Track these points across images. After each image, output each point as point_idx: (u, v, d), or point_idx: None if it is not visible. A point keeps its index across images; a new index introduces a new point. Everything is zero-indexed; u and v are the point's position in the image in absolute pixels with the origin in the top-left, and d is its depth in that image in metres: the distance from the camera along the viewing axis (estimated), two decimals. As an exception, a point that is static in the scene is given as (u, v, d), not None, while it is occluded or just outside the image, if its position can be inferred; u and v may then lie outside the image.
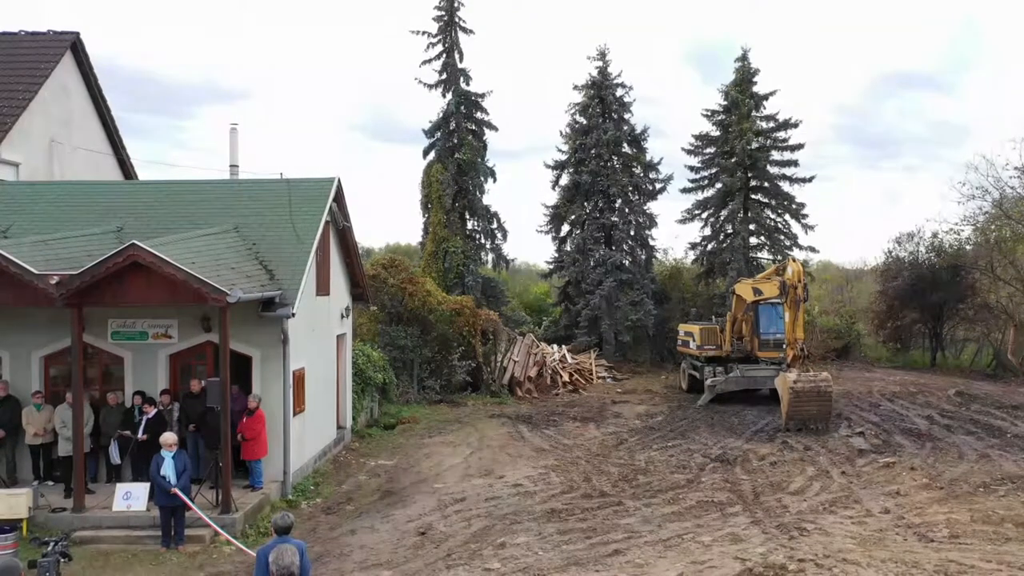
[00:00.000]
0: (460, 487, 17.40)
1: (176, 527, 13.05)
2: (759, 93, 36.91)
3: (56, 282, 13.26)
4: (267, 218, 17.65)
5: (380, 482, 17.92)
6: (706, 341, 28.91)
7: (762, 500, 16.51)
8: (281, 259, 16.43)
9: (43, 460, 15.61)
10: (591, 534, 14.31)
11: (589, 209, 36.83)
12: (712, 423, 24.48)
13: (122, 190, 18.90)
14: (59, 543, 8.21)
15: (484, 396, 28.83)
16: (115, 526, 13.61)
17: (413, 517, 15.33)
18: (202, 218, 17.57)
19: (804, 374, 23.09)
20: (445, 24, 37.70)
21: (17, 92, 22.09)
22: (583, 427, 24.27)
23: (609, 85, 37.36)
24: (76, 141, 24.47)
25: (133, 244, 13.28)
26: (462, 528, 14.63)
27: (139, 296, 13.79)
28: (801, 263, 29.84)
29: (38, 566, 7.84)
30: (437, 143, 37.59)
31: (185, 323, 15.89)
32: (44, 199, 18.53)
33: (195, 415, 15.37)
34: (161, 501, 12.89)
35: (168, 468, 12.82)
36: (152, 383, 15.86)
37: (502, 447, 21.34)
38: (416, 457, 20.24)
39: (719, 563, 12.95)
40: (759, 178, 37.13)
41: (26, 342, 16.00)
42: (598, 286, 35.08)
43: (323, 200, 18.02)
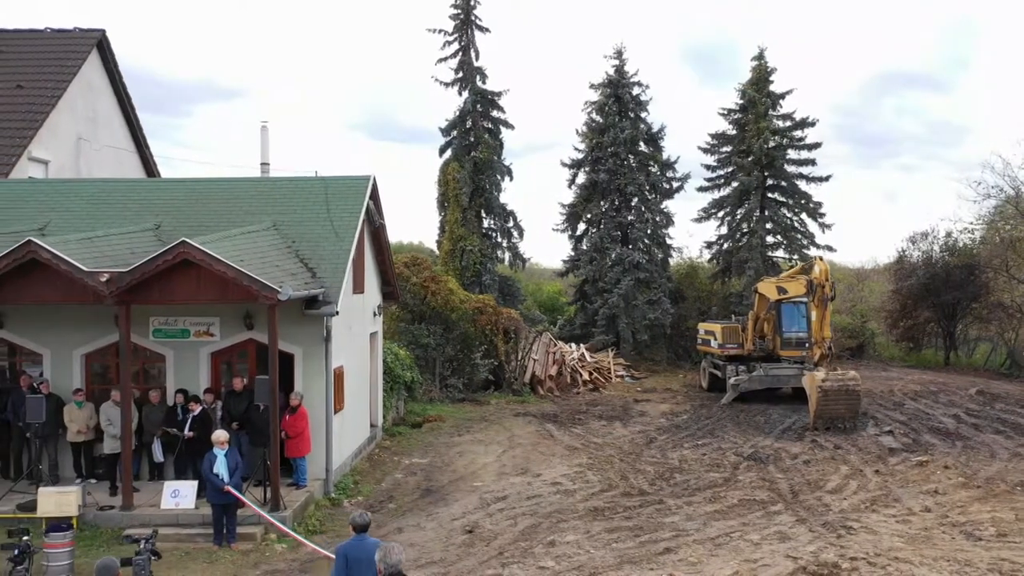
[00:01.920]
0: (499, 485, 17.39)
1: (228, 525, 13.01)
2: (775, 92, 36.92)
3: (106, 280, 13.21)
4: (303, 215, 17.61)
5: (418, 480, 17.90)
6: (728, 340, 28.91)
7: (801, 498, 16.52)
8: (321, 257, 16.39)
9: (85, 458, 15.57)
10: (639, 532, 14.30)
11: (606, 208, 36.80)
12: (739, 422, 24.48)
13: (155, 187, 18.84)
14: (148, 541, 8.16)
15: (506, 395, 28.81)
16: (164, 524, 13.54)
17: (457, 515, 15.31)
18: (237, 216, 17.52)
19: (832, 373, 23.09)
20: (461, 23, 37.67)
21: (46, 90, 22.08)
22: (609, 426, 24.26)
23: (626, 83, 37.34)
24: (101, 139, 24.47)
25: (183, 242, 13.25)
26: (508, 526, 14.62)
27: (188, 294, 13.75)
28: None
29: (133, 564, 7.81)
30: (453, 141, 37.54)
31: (227, 321, 15.84)
32: (79, 197, 18.47)
33: (238, 413, 15.32)
34: (214, 499, 12.85)
35: (221, 466, 12.78)
36: (194, 381, 15.81)
37: (533, 445, 21.32)
38: (449, 455, 20.22)
39: (771, 561, 12.96)
40: (776, 177, 37.12)
41: (67, 340, 15.94)
42: (616, 285, 35.06)
43: (360, 197, 17.98)
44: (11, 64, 22.94)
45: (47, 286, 13.68)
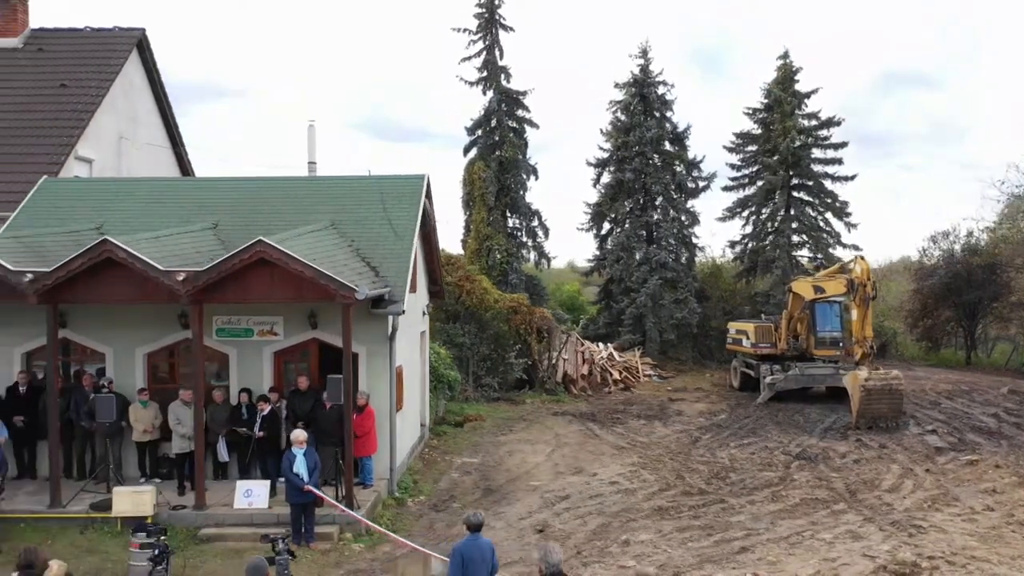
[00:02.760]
0: (558, 485, 17.38)
1: (307, 525, 12.99)
2: (801, 91, 36.94)
3: (183, 279, 13.17)
4: (359, 215, 17.58)
5: (475, 480, 17.88)
6: (761, 339, 28.92)
7: (860, 497, 16.53)
8: (383, 256, 16.36)
9: (149, 457, 15.53)
10: (710, 531, 14.31)
11: (631, 207, 36.80)
12: (778, 421, 24.49)
13: (209, 186, 18.77)
14: (284, 540, 8.12)
15: (540, 394, 28.79)
16: (238, 523, 13.55)
17: (524, 515, 15.30)
18: (294, 215, 17.47)
19: (875, 372, 23.11)
20: (486, 22, 37.64)
21: (90, 89, 22.02)
22: (650, 425, 24.26)
23: (651, 83, 37.34)
24: (140, 137, 24.42)
25: (261, 240, 13.22)
26: (579, 526, 14.62)
27: (262, 293, 13.73)
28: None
29: (276, 564, 7.78)
30: (478, 141, 37.52)
31: (291, 320, 15.81)
32: (133, 196, 18.43)
33: (303, 412, 15.28)
34: (293, 499, 12.82)
35: (300, 465, 12.76)
36: (257, 380, 15.77)
37: (580, 445, 21.32)
38: (499, 455, 20.21)
39: (849, 560, 12.98)
40: (801, 176, 37.14)
41: (129, 339, 15.90)
42: (643, 284, 35.06)
43: (417, 197, 17.96)
44: (53, 63, 22.86)
45: (120, 285, 13.65)
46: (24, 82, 22.27)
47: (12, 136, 20.69)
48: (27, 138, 20.64)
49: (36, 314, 15.83)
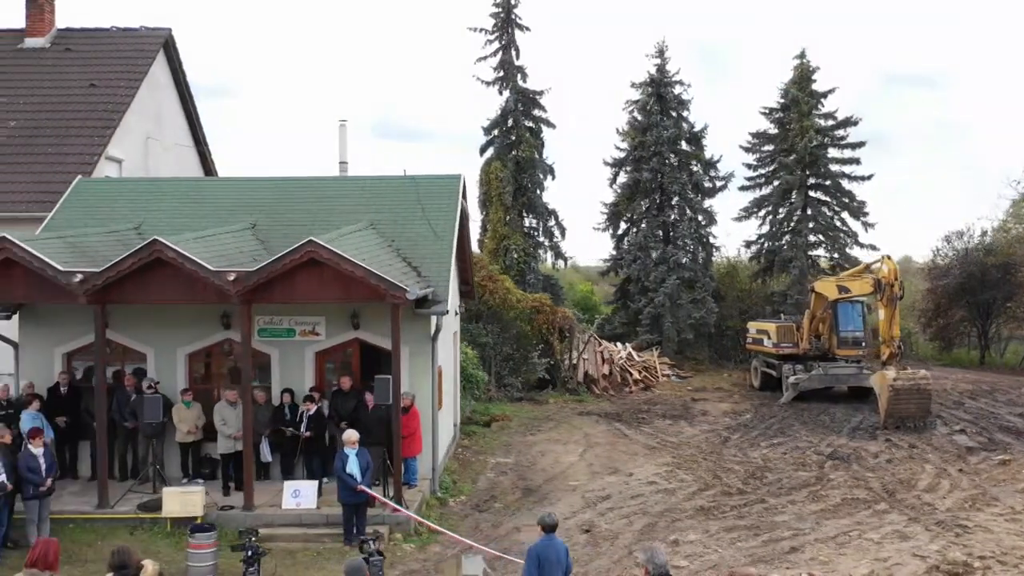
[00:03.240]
0: (596, 485, 17.39)
1: (358, 525, 12.97)
2: (818, 91, 36.93)
3: (233, 279, 13.16)
4: (397, 215, 17.56)
5: (512, 480, 17.88)
6: (782, 339, 28.91)
7: (900, 497, 16.53)
8: (423, 256, 16.34)
9: (191, 458, 15.52)
10: (757, 531, 14.32)
11: (648, 206, 36.78)
12: (804, 420, 24.49)
13: (245, 186, 18.72)
14: (373, 541, 8.10)
15: (562, 394, 28.79)
16: (287, 524, 13.52)
17: (568, 515, 15.29)
18: (331, 215, 17.44)
19: (903, 372, 23.12)
20: (502, 22, 37.62)
21: (119, 89, 22.01)
22: (676, 425, 24.26)
23: (667, 82, 37.33)
24: (166, 137, 24.40)
25: (311, 241, 13.19)
26: (625, 526, 14.62)
27: (310, 293, 13.70)
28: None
29: (371, 564, 7.75)
30: (495, 141, 37.51)
31: (332, 320, 15.80)
32: (169, 196, 18.41)
33: (346, 412, 15.27)
34: (346, 499, 12.80)
35: (353, 465, 12.74)
36: (299, 380, 15.76)
37: (611, 445, 21.32)
38: (531, 455, 20.21)
39: (900, 560, 13.00)
40: (819, 176, 37.15)
41: (171, 339, 15.89)
42: (661, 284, 35.06)
43: (454, 197, 17.96)
44: (81, 63, 22.84)
45: (169, 286, 13.62)
46: (53, 81, 22.25)
47: (43, 135, 20.66)
48: (58, 138, 20.62)
49: (76, 314, 15.87)
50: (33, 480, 12.59)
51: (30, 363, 15.97)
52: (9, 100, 21.51)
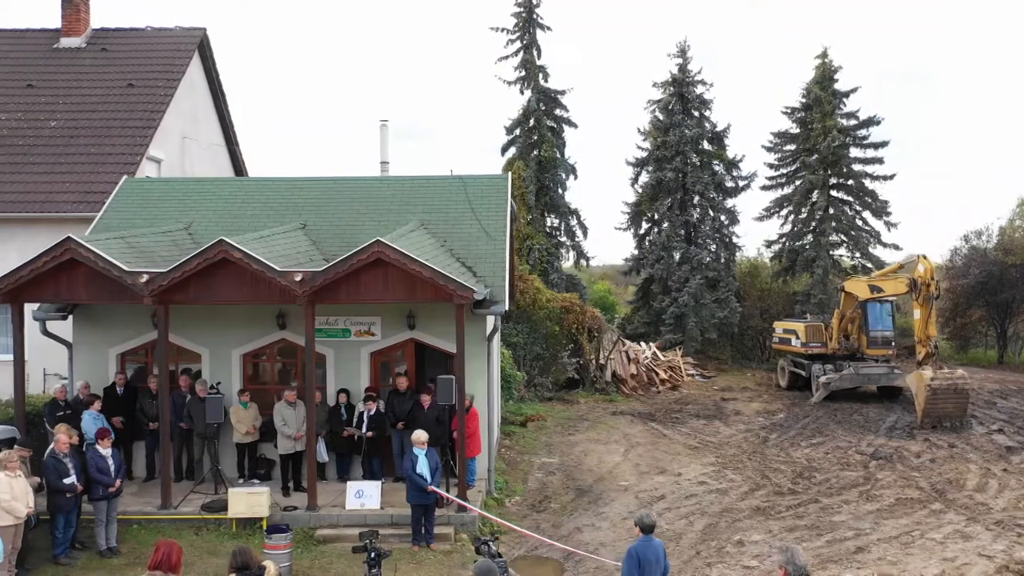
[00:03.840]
0: (647, 485, 17.39)
1: (427, 526, 12.96)
2: (840, 90, 36.93)
3: (300, 279, 13.14)
4: (447, 215, 17.53)
5: (561, 480, 17.87)
6: (811, 338, 28.93)
7: (951, 497, 16.54)
8: (477, 256, 16.30)
9: (248, 458, 15.49)
10: (818, 531, 14.33)
11: (671, 206, 36.76)
12: (839, 420, 24.49)
13: (292, 186, 18.65)
14: (492, 543, 8.07)
15: (591, 393, 28.78)
16: (352, 524, 13.48)
17: (625, 515, 15.29)
18: (381, 215, 17.44)
19: (940, 372, 23.14)
20: (524, 21, 37.59)
21: (158, 89, 21.99)
22: (711, 424, 24.25)
23: (689, 82, 37.32)
24: (201, 136, 24.38)
25: (378, 241, 13.18)
26: (686, 526, 14.62)
27: (375, 293, 13.68)
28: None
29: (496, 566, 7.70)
30: (517, 140, 37.48)
31: (388, 320, 15.78)
32: (216, 196, 18.36)
33: (403, 413, 15.26)
34: (415, 499, 12.77)
35: (423, 466, 12.72)
36: (355, 381, 15.75)
37: (652, 444, 21.31)
38: (574, 454, 20.20)
39: (967, 560, 13.02)
40: (841, 175, 37.16)
41: (226, 339, 15.86)
42: (684, 284, 35.05)
43: (503, 196, 17.95)
44: (118, 63, 22.82)
45: (233, 286, 13.60)
46: (91, 82, 22.23)
47: (83, 136, 20.66)
48: (98, 138, 20.61)
49: (130, 314, 15.88)
50: (103, 481, 12.56)
51: (84, 363, 15.94)
52: (48, 100, 21.49)
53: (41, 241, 18.33)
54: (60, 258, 13.32)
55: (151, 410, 15.39)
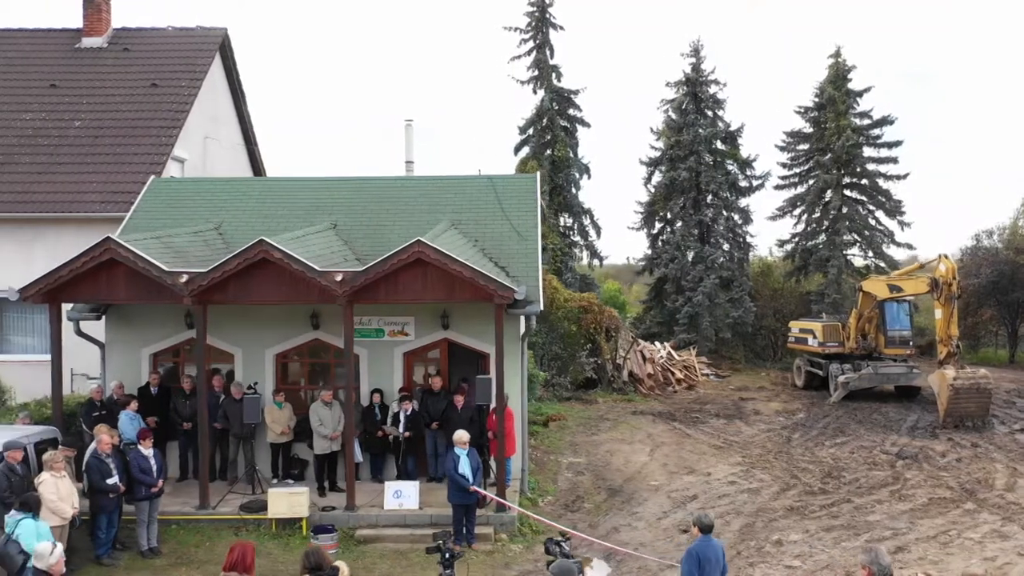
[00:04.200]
0: (678, 484, 17.39)
1: (468, 526, 12.96)
2: (853, 89, 36.95)
3: (340, 279, 13.13)
4: (477, 215, 17.53)
5: (591, 479, 17.87)
6: (828, 338, 28.94)
7: (982, 497, 16.54)
8: (510, 256, 16.29)
9: (282, 458, 15.49)
10: (855, 531, 14.33)
11: (685, 205, 36.78)
12: (860, 420, 24.50)
13: (321, 186, 18.62)
14: (563, 543, 8.06)
15: (609, 393, 28.78)
16: (391, 524, 13.52)
17: (659, 515, 15.32)
18: (412, 214, 17.42)
19: (962, 371, 23.16)
20: (537, 21, 37.63)
21: (181, 89, 21.97)
22: (732, 424, 24.26)
23: (703, 81, 37.34)
24: (221, 136, 24.37)
25: (419, 241, 13.18)
26: (723, 526, 14.59)
27: (414, 293, 13.67)
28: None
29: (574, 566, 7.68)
30: (530, 140, 37.52)
31: (422, 320, 15.78)
32: (245, 195, 18.36)
33: (437, 413, 15.26)
34: (457, 499, 12.77)
35: (465, 466, 12.72)
36: (388, 381, 15.75)
37: (677, 444, 21.32)
38: (600, 454, 20.21)
39: (1008, 559, 13.03)
40: (854, 175, 37.18)
41: (260, 339, 15.86)
42: (699, 283, 35.07)
43: (532, 196, 17.96)
44: (140, 62, 22.80)
45: (272, 286, 13.60)
46: (114, 81, 22.21)
47: (108, 135, 20.65)
48: (124, 138, 20.60)
49: (163, 315, 15.89)
50: (145, 481, 12.56)
51: (117, 363, 15.94)
52: (72, 100, 21.48)
53: (69, 241, 18.44)
54: (99, 258, 13.31)
55: (185, 410, 15.38)
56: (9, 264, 18.72)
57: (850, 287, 36.30)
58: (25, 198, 18.94)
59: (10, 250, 18.77)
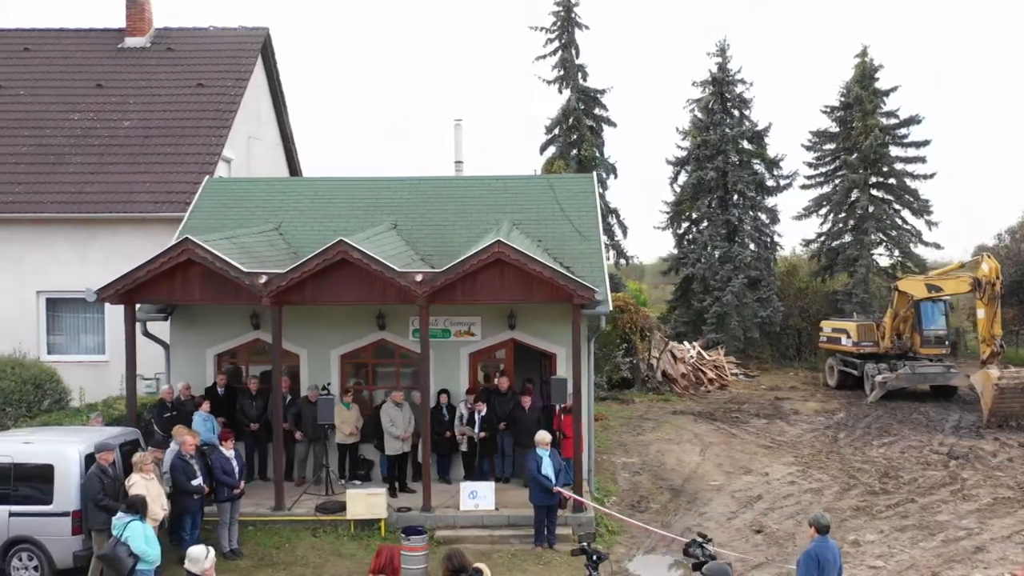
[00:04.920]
0: (739, 484, 17.38)
1: (549, 526, 12.94)
2: (881, 89, 36.92)
3: (420, 280, 13.11)
4: (537, 215, 17.49)
5: (650, 480, 17.87)
6: (863, 337, 28.93)
7: (1043, 496, 16.57)
8: (573, 256, 16.23)
9: (349, 459, 15.47)
10: (929, 531, 14.34)
11: (712, 205, 36.76)
12: (902, 420, 24.48)
13: (376, 186, 18.54)
14: (704, 544, 8.02)
15: (644, 393, 28.77)
16: (469, 525, 13.50)
17: (728, 515, 15.32)
18: (471, 215, 17.42)
19: (1006, 371, 23.17)
20: (562, 21, 37.59)
21: (227, 89, 21.94)
22: (774, 424, 24.24)
23: (729, 81, 37.31)
24: (263, 135, 24.34)
25: (499, 241, 13.17)
26: (794, 526, 14.61)
27: (491, 293, 13.65)
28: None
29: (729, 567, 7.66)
30: (557, 139, 37.49)
31: (488, 320, 15.76)
32: (300, 195, 18.32)
33: (503, 413, 15.25)
34: (540, 500, 12.75)
35: (548, 467, 12.70)
36: (453, 381, 15.72)
37: (726, 444, 21.32)
38: (651, 454, 20.21)
39: (1089, 559, 13.02)
40: (882, 174, 37.16)
41: (325, 340, 15.83)
42: (727, 283, 35.05)
43: (591, 196, 17.95)
44: (185, 62, 22.76)
45: (348, 286, 13.58)
46: (159, 81, 22.16)
47: (157, 136, 20.61)
48: (173, 138, 20.57)
49: (227, 315, 15.87)
50: (228, 482, 12.54)
51: (181, 364, 15.90)
52: (119, 100, 21.44)
53: (123, 241, 18.48)
54: (177, 259, 13.29)
55: (251, 411, 15.36)
56: (64, 264, 18.72)
57: (877, 287, 36.33)
58: (78, 198, 18.90)
59: (65, 250, 18.73)
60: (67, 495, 11.39)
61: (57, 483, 11.41)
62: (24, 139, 20.28)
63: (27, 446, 11.76)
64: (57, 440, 12.04)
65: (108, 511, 11.16)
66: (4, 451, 11.76)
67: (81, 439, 11.98)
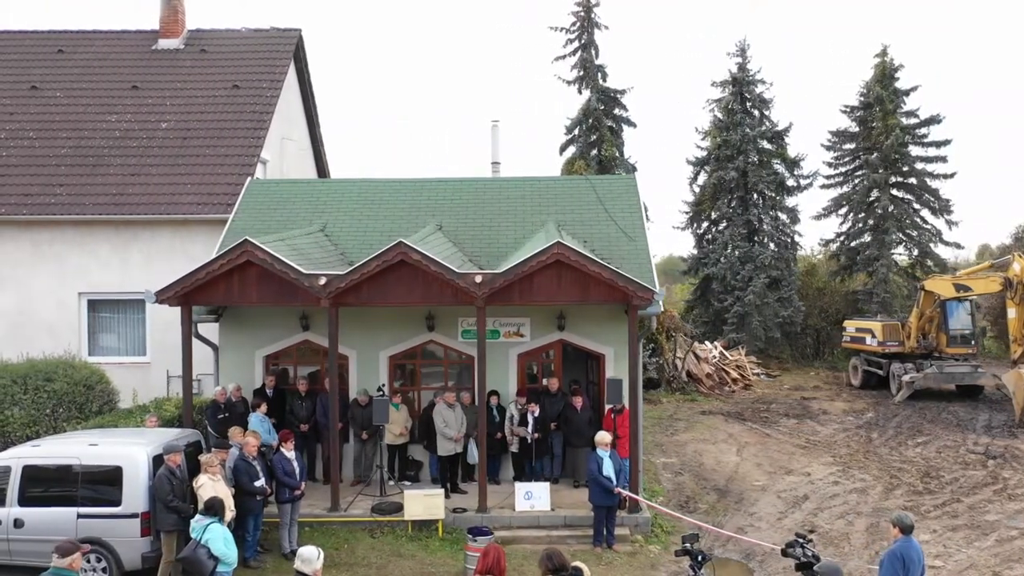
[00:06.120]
0: (783, 485, 17.43)
1: (608, 527, 12.99)
2: (901, 88, 36.94)
3: (480, 281, 13.15)
4: (581, 216, 17.54)
5: (693, 480, 17.91)
6: (888, 337, 28.98)
7: (1087, 496, 16.62)
8: (620, 257, 16.25)
9: (399, 459, 15.52)
10: (982, 531, 14.39)
11: (732, 205, 36.80)
12: (932, 419, 24.53)
13: (421, 187, 18.58)
14: (804, 544, 8.04)
15: (670, 393, 28.82)
16: (525, 526, 13.55)
17: (777, 515, 15.36)
18: (516, 216, 17.49)
19: (1035, 371, 23.22)
20: (582, 21, 37.59)
21: (263, 90, 21.97)
22: (804, 423, 24.29)
23: (750, 81, 37.35)
24: (294, 137, 24.37)
25: (559, 243, 13.23)
26: (846, 526, 14.67)
27: (549, 294, 13.68)
28: None
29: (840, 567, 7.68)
30: (577, 139, 37.50)
31: (537, 321, 15.81)
32: (343, 197, 18.36)
33: (553, 414, 15.30)
34: (600, 500, 12.80)
35: (608, 468, 12.75)
36: (502, 382, 15.77)
37: (761, 444, 21.37)
38: (688, 454, 20.25)
39: None
40: (902, 174, 37.19)
41: (374, 341, 15.88)
42: (748, 283, 35.08)
43: (635, 197, 18.00)
44: (219, 64, 22.80)
45: (405, 287, 13.62)
46: (195, 83, 22.19)
47: (196, 137, 20.63)
48: (212, 139, 20.59)
49: (276, 317, 15.93)
50: (289, 484, 12.58)
51: (230, 366, 15.94)
52: (155, 102, 21.46)
53: (164, 243, 18.53)
54: (236, 261, 13.33)
55: (301, 412, 15.41)
56: (105, 266, 18.76)
57: (898, 286, 36.37)
58: (119, 200, 18.93)
59: (106, 252, 18.77)
60: (136, 497, 11.43)
61: (126, 485, 11.44)
62: (63, 140, 20.31)
63: (94, 448, 11.79)
64: (124, 442, 12.08)
65: (178, 512, 11.25)
66: (70, 453, 11.82)
67: (147, 441, 12.03)
